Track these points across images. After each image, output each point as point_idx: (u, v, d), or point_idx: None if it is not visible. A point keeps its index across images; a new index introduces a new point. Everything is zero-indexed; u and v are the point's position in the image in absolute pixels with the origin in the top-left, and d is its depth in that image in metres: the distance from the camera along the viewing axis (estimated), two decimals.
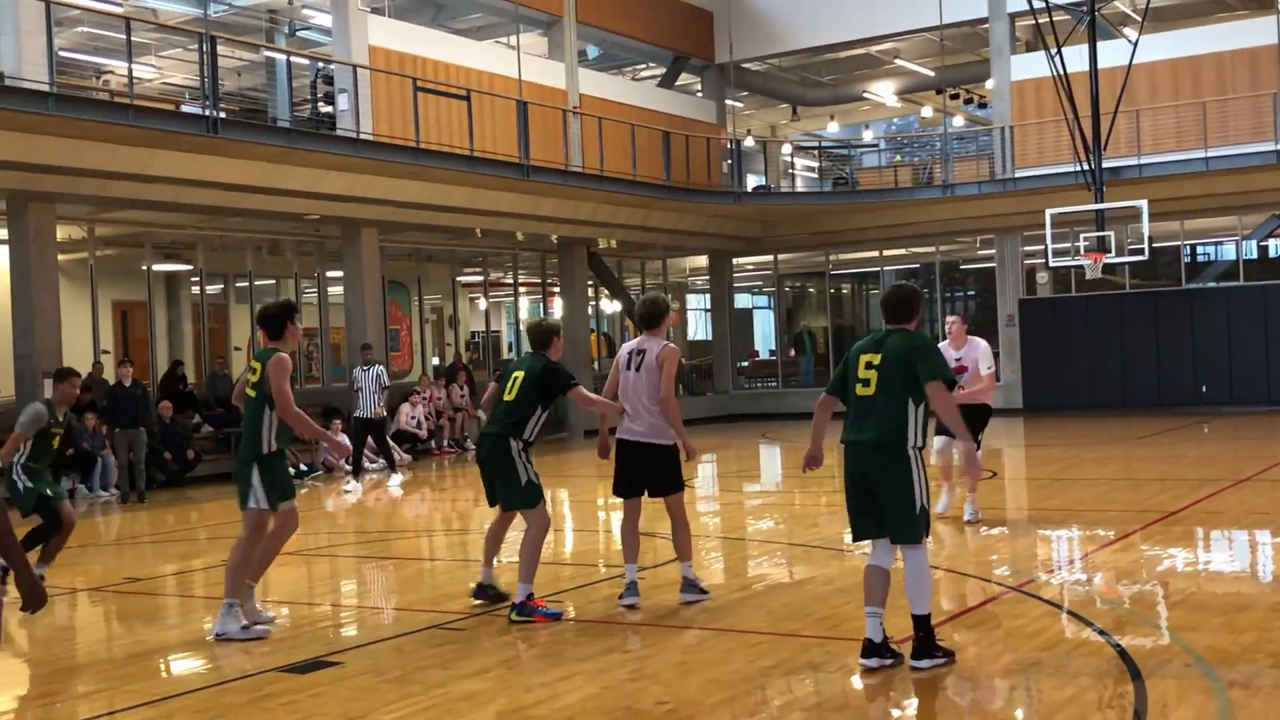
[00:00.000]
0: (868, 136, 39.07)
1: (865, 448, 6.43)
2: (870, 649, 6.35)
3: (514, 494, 8.15)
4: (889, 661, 6.33)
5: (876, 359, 6.53)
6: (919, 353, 6.46)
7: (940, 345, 11.26)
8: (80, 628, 9.02)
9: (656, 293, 8.36)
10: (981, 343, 11.70)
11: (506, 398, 8.18)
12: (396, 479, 18.93)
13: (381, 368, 19.85)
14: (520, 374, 8.21)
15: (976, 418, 10.95)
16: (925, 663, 6.28)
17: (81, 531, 14.52)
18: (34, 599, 4.68)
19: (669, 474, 8.25)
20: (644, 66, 33.05)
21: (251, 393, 7.85)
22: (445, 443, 23.50)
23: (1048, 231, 22.85)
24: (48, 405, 10.15)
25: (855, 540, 6.81)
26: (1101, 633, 7.05)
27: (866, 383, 6.51)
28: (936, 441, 11.33)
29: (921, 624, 6.35)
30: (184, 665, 7.44)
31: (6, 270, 18.77)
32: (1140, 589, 8.48)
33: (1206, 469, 15.62)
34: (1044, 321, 28.60)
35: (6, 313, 18.65)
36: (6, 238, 18.86)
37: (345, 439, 10.07)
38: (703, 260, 33.92)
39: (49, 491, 10.00)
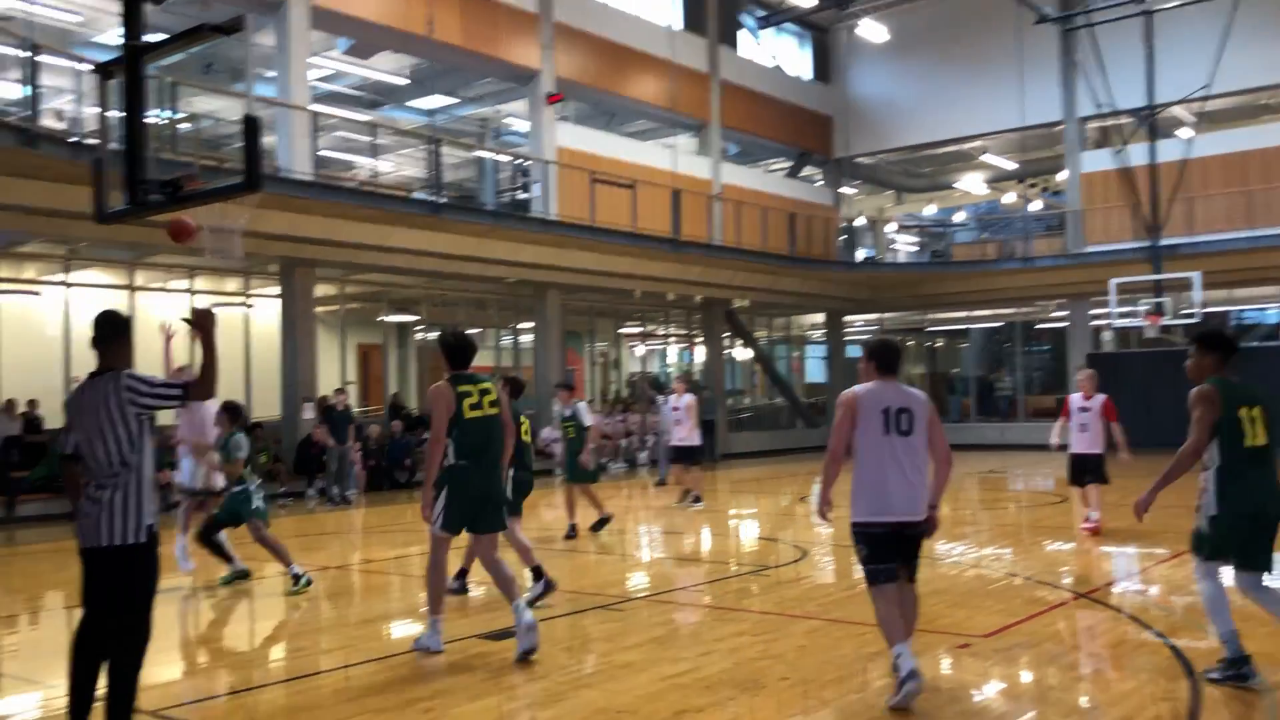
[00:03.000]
0: (959, 217, 38.33)
1: None
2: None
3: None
4: None
5: (1258, 412, 5.62)
6: None
7: (1073, 396, 12.02)
8: (325, 598, 9.28)
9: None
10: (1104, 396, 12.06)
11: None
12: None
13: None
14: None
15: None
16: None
17: (330, 523, 15.01)
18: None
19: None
20: (774, 161, 33.03)
21: (494, 410, 6.68)
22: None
23: (1112, 297, 22.08)
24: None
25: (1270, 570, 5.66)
26: (1159, 635, 6.73)
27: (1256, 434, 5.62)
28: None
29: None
30: (404, 630, 7.59)
31: (279, 319, 19.57)
32: (1192, 600, 8.05)
33: None
34: (1108, 374, 27.17)
35: (277, 352, 19.41)
36: (279, 293, 19.65)
37: None
38: (820, 317, 33.62)
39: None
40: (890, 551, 5.54)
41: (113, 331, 4.87)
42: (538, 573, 8.13)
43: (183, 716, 5.48)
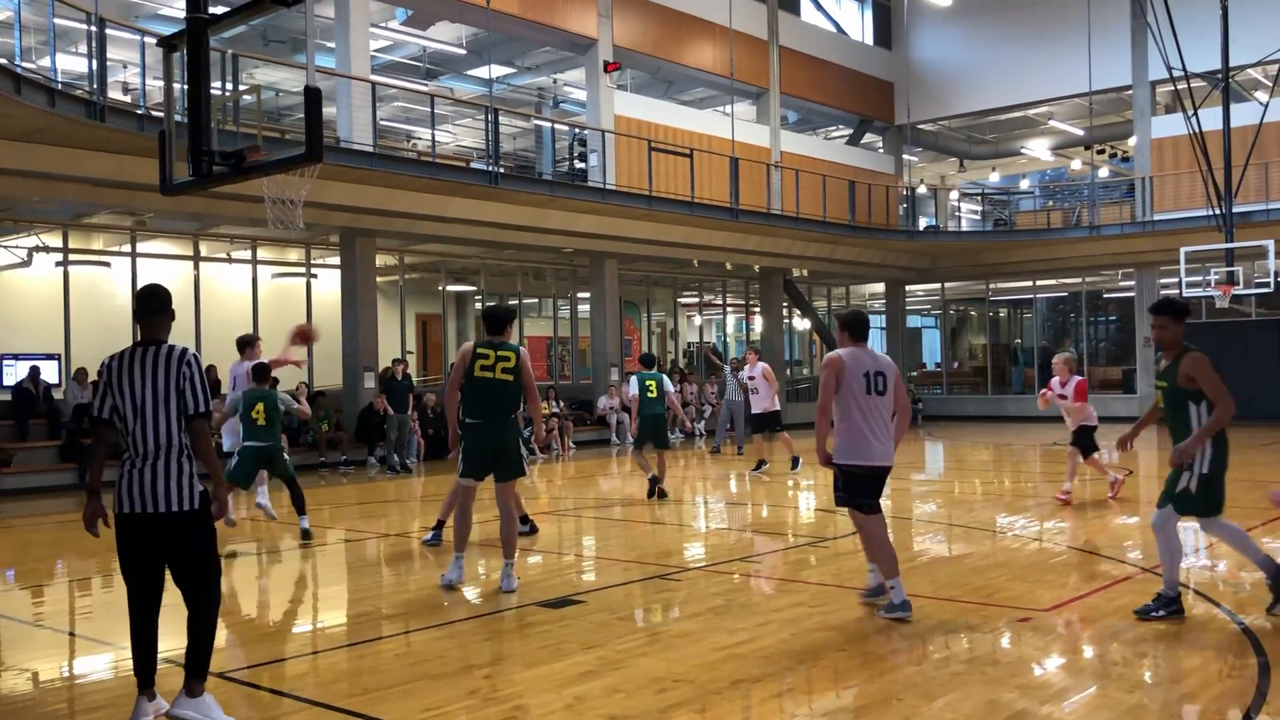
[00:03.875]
0: (1024, 185, 37.61)
1: None
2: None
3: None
4: None
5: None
6: None
7: (1053, 381, 12.17)
8: (384, 565, 9.43)
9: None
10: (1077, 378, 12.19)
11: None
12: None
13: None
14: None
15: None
16: None
17: (391, 491, 15.22)
18: (220, 512, 4.91)
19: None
20: (834, 128, 32.64)
21: (506, 377, 7.50)
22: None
23: (1182, 266, 21.54)
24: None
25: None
26: (1227, 612, 6.60)
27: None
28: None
29: None
30: (464, 597, 7.68)
31: (339, 288, 19.80)
32: (1261, 576, 7.89)
33: None
34: None
35: (338, 321, 19.65)
36: (339, 263, 19.87)
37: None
38: (880, 287, 33.28)
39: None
40: (869, 489, 6.62)
41: (157, 305, 4.94)
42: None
43: (246, 679, 5.60)
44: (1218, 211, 21.51)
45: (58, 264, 18.66)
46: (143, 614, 4.80)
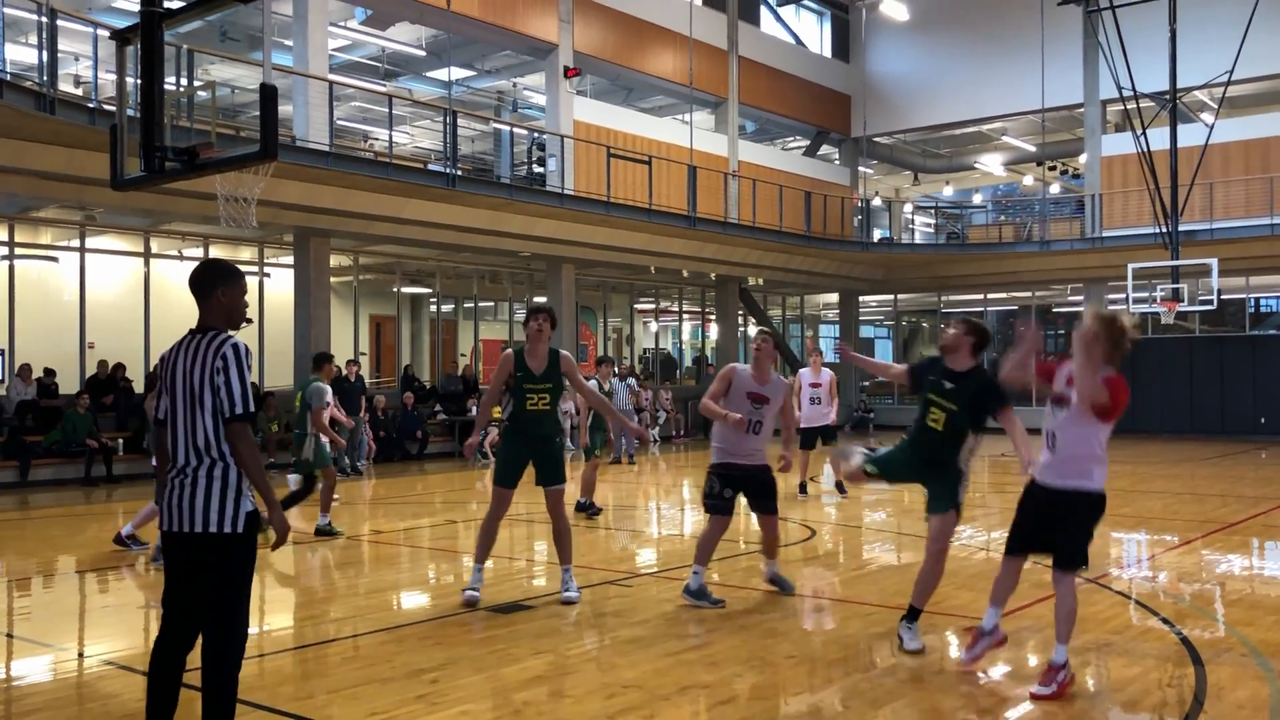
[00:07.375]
0: (977, 199, 38.10)
1: None
2: None
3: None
4: None
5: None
6: None
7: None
8: (334, 567, 9.33)
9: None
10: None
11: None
12: None
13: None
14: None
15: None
16: None
17: (341, 493, 15.06)
18: (284, 536, 4.21)
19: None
20: (791, 139, 32.86)
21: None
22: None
23: (1129, 282, 21.94)
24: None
25: None
26: (1166, 622, 6.72)
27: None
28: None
29: None
30: (412, 601, 7.64)
31: (292, 288, 19.59)
32: (1201, 587, 8.05)
33: (1263, 488, 14.75)
34: (1124, 359, 27.41)
35: (290, 320, 19.44)
36: (293, 263, 19.66)
37: None
38: (834, 297, 33.54)
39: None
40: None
41: (199, 286, 4.09)
42: None
43: (191, 682, 5.52)
44: (1164, 230, 21.94)
45: (3, 258, 18.28)
46: (168, 646, 4.08)
